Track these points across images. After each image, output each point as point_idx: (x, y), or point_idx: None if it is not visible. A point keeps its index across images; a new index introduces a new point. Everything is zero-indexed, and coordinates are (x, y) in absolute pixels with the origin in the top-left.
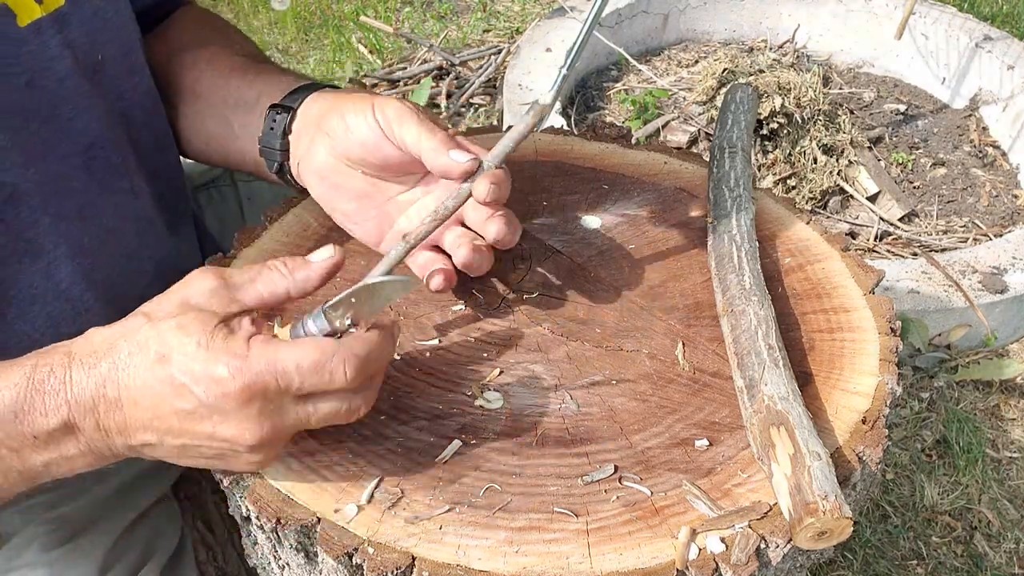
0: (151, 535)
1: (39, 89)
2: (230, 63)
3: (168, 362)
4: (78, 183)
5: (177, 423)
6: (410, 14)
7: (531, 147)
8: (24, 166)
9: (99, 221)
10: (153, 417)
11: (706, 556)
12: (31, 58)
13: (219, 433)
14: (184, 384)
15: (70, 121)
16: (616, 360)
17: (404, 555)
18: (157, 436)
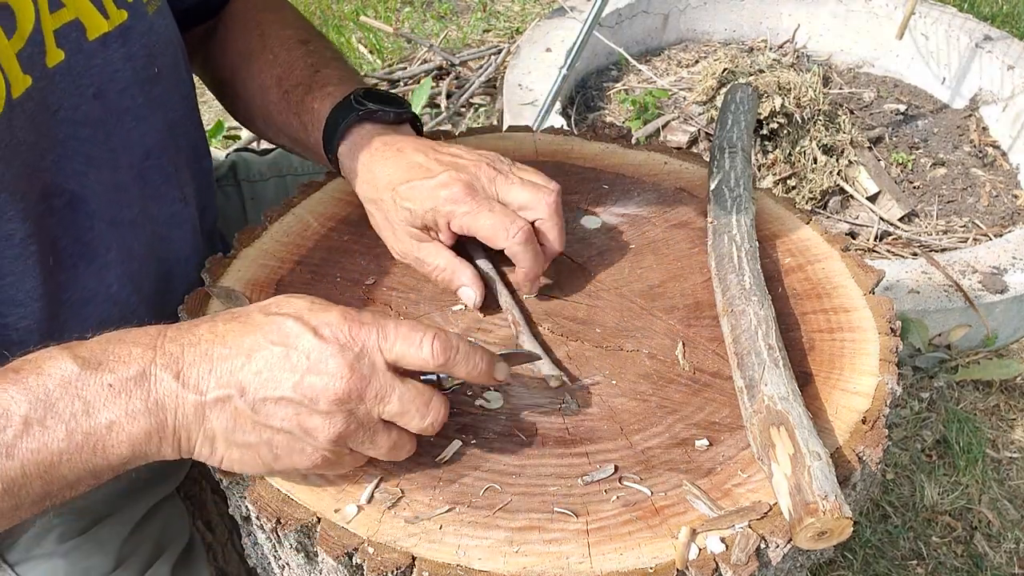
0: (163, 531)
1: (105, 100)
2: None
3: (269, 308)
4: (134, 191)
5: (265, 366)
6: (410, 14)
7: (531, 147)
8: (85, 174)
9: (150, 228)
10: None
11: (706, 556)
12: (98, 71)
13: (305, 382)
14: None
15: (129, 132)
16: (616, 360)
17: (404, 555)
18: (238, 391)
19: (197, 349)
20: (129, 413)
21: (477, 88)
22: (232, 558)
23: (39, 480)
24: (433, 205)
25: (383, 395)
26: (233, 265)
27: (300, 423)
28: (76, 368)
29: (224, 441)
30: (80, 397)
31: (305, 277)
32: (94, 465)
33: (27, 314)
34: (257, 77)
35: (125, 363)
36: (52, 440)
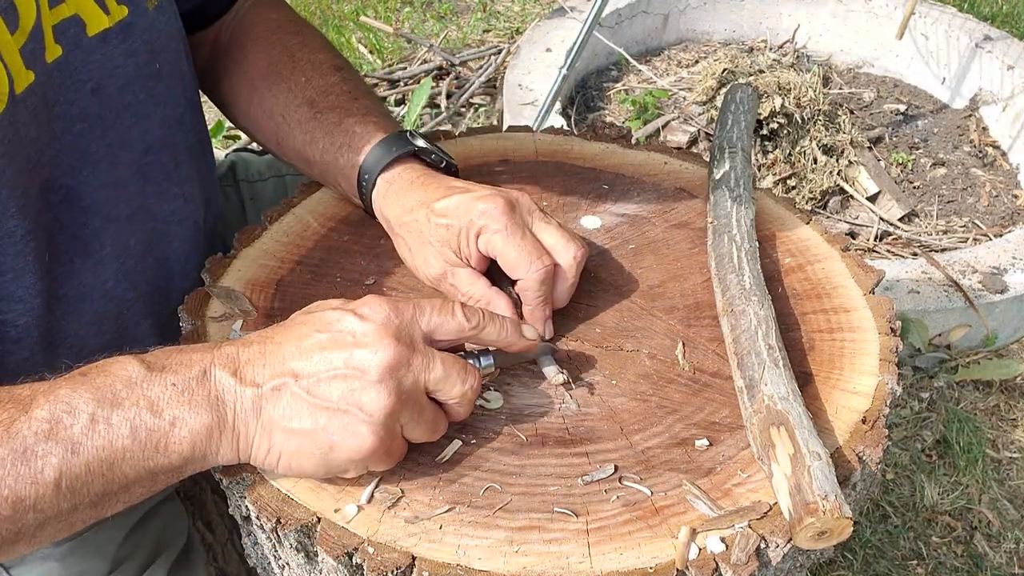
0: (160, 533)
1: (103, 96)
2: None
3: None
4: (133, 187)
5: (315, 351)
6: (410, 14)
7: (531, 147)
8: (80, 169)
9: (149, 224)
10: (290, 350)
11: (706, 556)
12: (97, 66)
13: (354, 356)
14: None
15: (129, 128)
16: (616, 360)
17: (404, 555)
18: (292, 377)
19: (250, 349)
20: (192, 409)
21: (477, 88)
22: (232, 558)
23: (101, 479)
24: (469, 217)
25: (427, 362)
26: (233, 265)
27: (354, 399)
28: (142, 370)
29: (281, 431)
30: (145, 396)
31: (305, 277)
32: (155, 464)
33: (25, 310)
34: (283, 96)
35: (187, 366)
36: (117, 437)
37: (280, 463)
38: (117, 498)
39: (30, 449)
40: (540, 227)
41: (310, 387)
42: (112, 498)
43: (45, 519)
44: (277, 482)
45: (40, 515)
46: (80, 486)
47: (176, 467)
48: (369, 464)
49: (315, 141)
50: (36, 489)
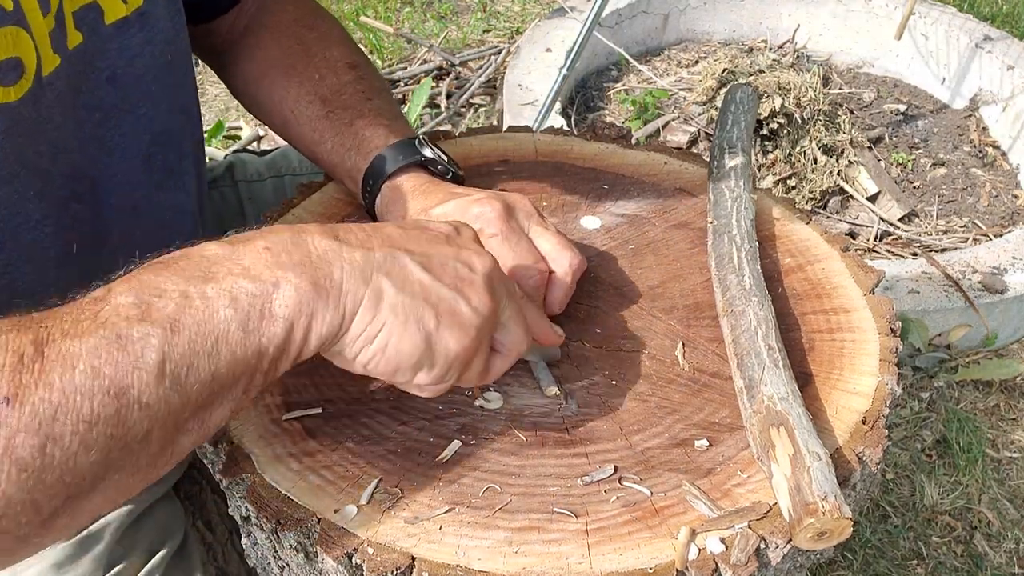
0: (156, 532)
1: (118, 85)
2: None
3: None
4: (140, 178)
5: (425, 241)
6: (410, 14)
7: (531, 147)
8: (99, 159)
9: (152, 216)
10: (404, 237)
11: (706, 556)
12: (114, 55)
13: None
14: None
15: (140, 118)
16: (616, 360)
17: (404, 555)
18: (405, 251)
19: (348, 227)
20: (294, 269)
21: (477, 88)
22: (232, 558)
23: (206, 360)
24: (465, 220)
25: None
26: None
27: (465, 289)
28: (227, 246)
29: (390, 299)
30: (239, 264)
31: None
32: (259, 337)
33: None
34: (294, 90)
35: (277, 232)
36: (217, 309)
37: (377, 339)
38: (223, 396)
39: (124, 334)
40: (537, 232)
41: (425, 262)
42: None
43: (152, 422)
44: (277, 483)
45: (146, 413)
46: (186, 372)
47: (281, 340)
48: (452, 367)
49: (324, 140)
50: (139, 376)
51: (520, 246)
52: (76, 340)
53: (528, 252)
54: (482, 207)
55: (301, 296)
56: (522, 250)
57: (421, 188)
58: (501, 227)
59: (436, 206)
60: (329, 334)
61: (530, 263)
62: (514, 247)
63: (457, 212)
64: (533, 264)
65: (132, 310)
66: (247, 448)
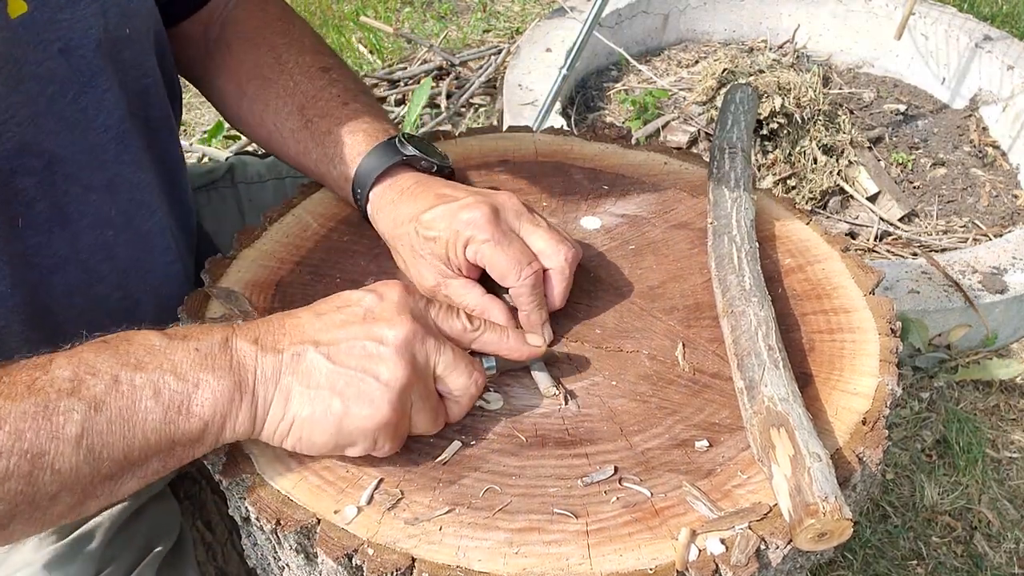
0: (149, 532)
1: (74, 57)
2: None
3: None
4: (110, 155)
5: (334, 324)
6: (410, 14)
7: (531, 147)
8: (59, 134)
9: (127, 195)
10: (310, 321)
11: (706, 557)
12: (66, 25)
13: (373, 328)
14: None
15: (105, 92)
16: (616, 361)
17: (404, 556)
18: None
19: (271, 323)
20: (215, 374)
21: (477, 88)
22: (232, 558)
23: (122, 441)
24: (454, 228)
25: (439, 345)
26: (233, 266)
27: (372, 367)
28: (164, 339)
29: (299, 397)
30: (169, 360)
31: (305, 278)
32: (175, 429)
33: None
34: (273, 103)
35: (208, 334)
36: (140, 398)
37: (291, 432)
38: (133, 471)
39: (52, 404)
40: (529, 231)
41: (330, 352)
42: (129, 470)
43: (61, 485)
44: (277, 483)
45: (57, 478)
46: (101, 447)
47: (195, 435)
48: (377, 438)
49: (308, 152)
50: (57, 445)
51: (512, 248)
52: (8, 402)
53: (521, 253)
54: (470, 213)
55: (218, 399)
56: (514, 251)
57: (408, 190)
58: (491, 231)
59: (425, 211)
60: (244, 432)
61: (524, 264)
62: (506, 250)
63: (446, 219)
64: (527, 264)
65: (66, 383)
66: (247, 448)
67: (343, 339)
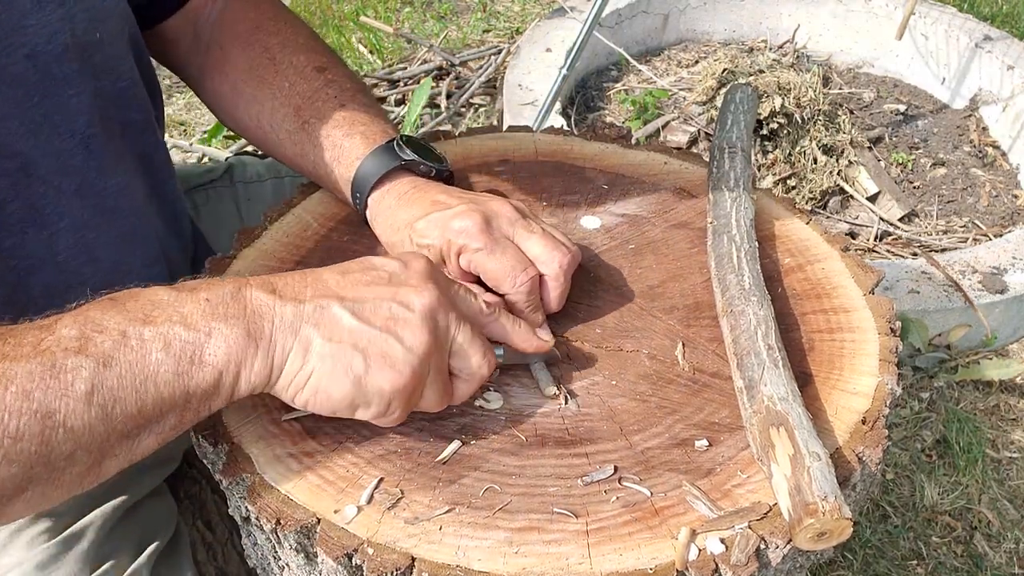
0: (143, 530)
1: (40, 63)
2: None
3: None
4: (78, 161)
5: (360, 281)
6: (410, 14)
7: (531, 147)
8: (30, 136)
9: (97, 200)
10: (334, 279)
11: (706, 557)
12: (32, 31)
13: (400, 292)
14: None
15: (71, 98)
16: (616, 360)
17: (404, 556)
18: (336, 299)
19: (291, 276)
20: (228, 322)
21: (477, 88)
22: (232, 558)
23: (134, 395)
24: (446, 236)
25: (459, 320)
26: (233, 265)
27: (397, 329)
28: (173, 292)
29: (318, 350)
30: (179, 312)
31: None
32: (189, 380)
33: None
34: (268, 104)
35: (219, 286)
36: (150, 351)
37: (308, 385)
38: (150, 427)
39: (59, 363)
40: (523, 236)
41: (355, 309)
42: (145, 426)
43: (76, 444)
44: (277, 483)
45: (70, 436)
46: (113, 403)
47: (210, 386)
48: (392, 403)
49: (306, 154)
50: (67, 403)
51: (506, 255)
52: (13, 363)
53: (515, 259)
54: (463, 222)
55: (231, 347)
56: (508, 258)
57: (406, 195)
58: (485, 240)
59: (419, 219)
60: (259, 381)
61: (519, 270)
62: (499, 258)
63: (439, 228)
64: (522, 271)
65: (72, 343)
66: (247, 448)
67: (369, 298)
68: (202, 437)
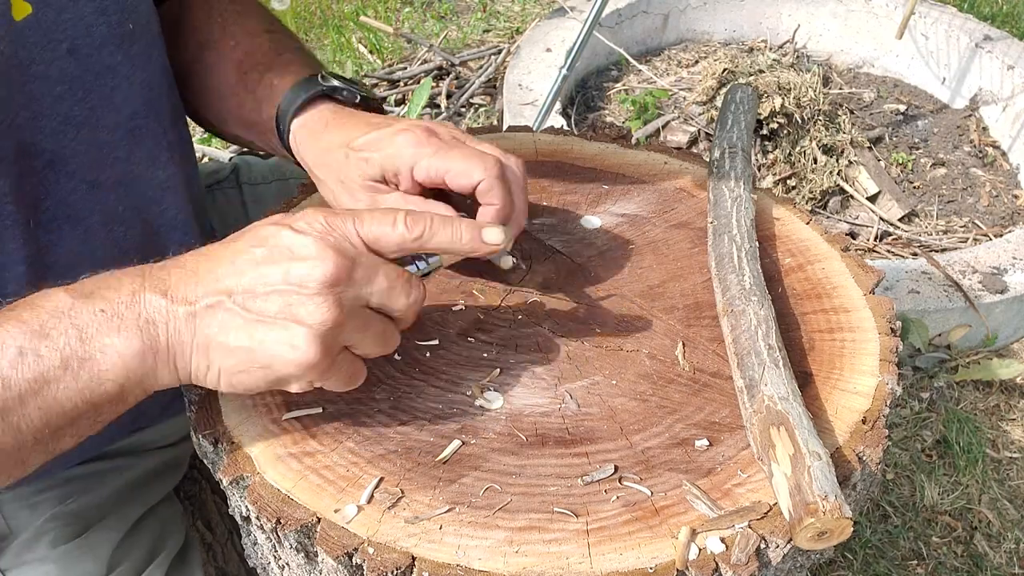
0: (157, 533)
1: (81, 57)
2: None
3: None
4: (121, 152)
5: (249, 267)
6: (410, 14)
7: (531, 147)
8: (63, 133)
9: (138, 191)
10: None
11: (706, 556)
12: (70, 25)
13: (292, 271)
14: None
15: (113, 90)
16: (616, 360)
17: (404, 555)
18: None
19: (183, 269)
20: (121, 335)
21: (477, 88)
22: (232, 558)
23: (38, 412)
24: (393, 151)
25: (369, 274)
26: None
27: (292, 313)
28: (69, 299)
29: (219, 349)
30: (74, 325)
31: None
32: (91, 394)
33: (11, 278)
34: (215, 64)
35: (115, 290)
36: (47, 368)
37: (221, 380)
38: (63, 432)
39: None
40: (472, 142)
41: (246, 302)
42: (58, 433)
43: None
44: (277, 483)
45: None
46: (18, 420)
47: (115, 395)
48: (316, 379)
49: (244, 104)
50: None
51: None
52: None
53: (474, 151)
54: (407, 135)
55: (127, 362)
56: (468, 150)
57: (333, 120)
58: (436, 143)
59: (357, 138)
60: (171, 383)
61: (483, 157)
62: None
63: (383, 142)
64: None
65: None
66: (247, 448)
67: (260, 285)
68: (202, 437)
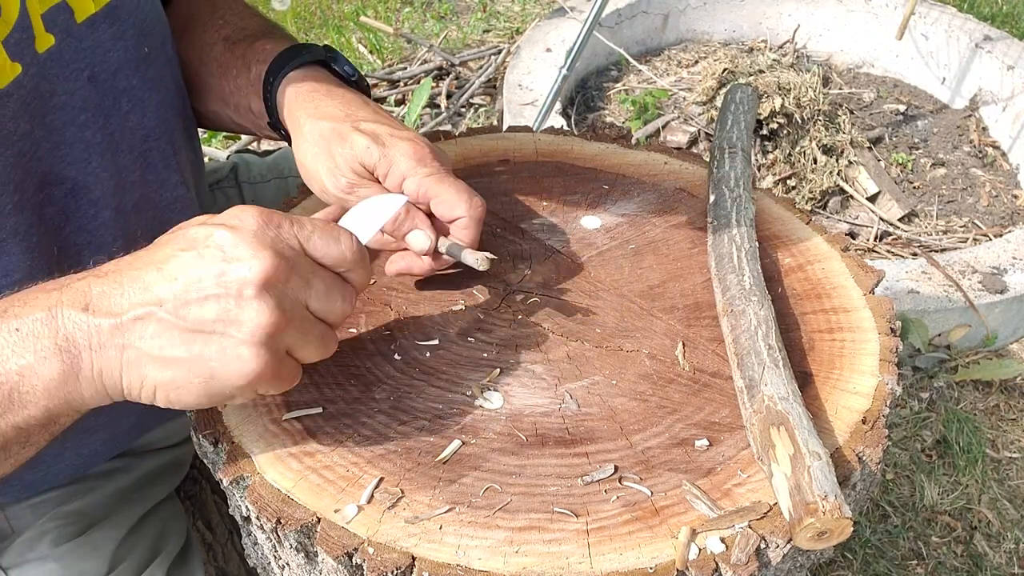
0: (158, 533)
1: (99, 83)
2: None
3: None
4: (136, 176)
5: (180, 272)
6: (410, 14)
7: (531, 147)
8: (86, 161)
9: (154, 213)
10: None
11: (706, 556)
12: (89, 53)
13: (226, 273)
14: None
15: (127, 115)
16: (616, 360)
17: (404, 555)
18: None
19: (105, 279)
20: (39, 356)
21: (477, 88)
22: (232, 558)
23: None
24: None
25: (307, 276)
26: None
27: (231, 319)
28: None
29: (153, 363)
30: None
31: None
32: (15, 418)
33: None
34: (201, 38)
35: (31, 307)
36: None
37: (157, 396)
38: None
39: None
40: None
41: (179, 311)
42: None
43: None
44: (277, 483)
45: None
46: None
47: (41, 419)
48: (259, 389)
49: (228, 70)
50: None
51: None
52: None
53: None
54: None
55: (47, 384)
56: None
57: (338, 92)
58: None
59: (366, 120)
60: (101, 401)
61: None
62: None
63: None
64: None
65: None
66: (247, 448)
67: (193, 291)
68: (202, 437)
